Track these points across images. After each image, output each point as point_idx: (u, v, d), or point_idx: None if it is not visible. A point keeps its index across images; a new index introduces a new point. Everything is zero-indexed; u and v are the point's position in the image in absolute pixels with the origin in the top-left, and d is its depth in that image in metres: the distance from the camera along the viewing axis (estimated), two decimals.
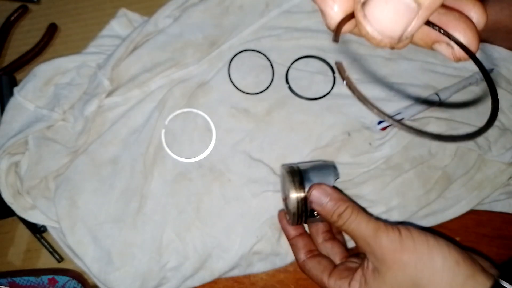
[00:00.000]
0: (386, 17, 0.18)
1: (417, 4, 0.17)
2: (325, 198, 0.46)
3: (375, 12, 0.18)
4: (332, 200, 0.46)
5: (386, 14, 0.18)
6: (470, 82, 0.62)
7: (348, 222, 0.45)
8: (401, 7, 0.17)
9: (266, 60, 0.64)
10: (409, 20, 0.18)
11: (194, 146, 0.61)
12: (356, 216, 0.44)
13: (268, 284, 0.59)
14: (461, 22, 0.22)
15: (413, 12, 0.17)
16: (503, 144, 0.60)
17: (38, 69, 0.61)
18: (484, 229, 0.61)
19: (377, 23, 0.18)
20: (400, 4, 0.17)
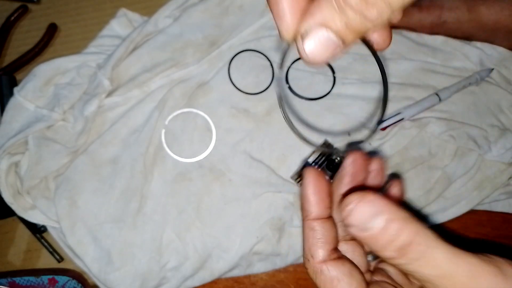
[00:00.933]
0: (317, 48, 0.23)
1: (341, 41, 0.23)
2: (377, 216, 0.26)
3: (311, 46, 0.23)
4: (391, 222, 0.25)
5: (317, 46, 0.23)
6: (470, 82, 0.62)
7: (419, 262, 0.25)
8: (329, 42, 0.23)
9: (266, 60, 0.64)
10: (334, 51, 0.23)
11: (194, 146, 0.61)
12: (432, 250, 0.25)
13: (268, 284, 0.59)
14: None
15: (339, 46, 0.23)
16: (503, 144, 0.60)
17: (38, 69, 0.61)
18: (484, 229, 0.61)
19: (310, 52, 0.24)
20: (328, 40, 0.23)
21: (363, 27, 0.22)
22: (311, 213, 0.33)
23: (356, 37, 0.23)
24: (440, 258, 0.25)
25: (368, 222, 0.25)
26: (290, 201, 0.59)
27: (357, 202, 0.26)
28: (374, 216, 0.25)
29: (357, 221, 0.26)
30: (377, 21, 0.22)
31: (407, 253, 0.25)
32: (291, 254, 0.59)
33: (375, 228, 0.25)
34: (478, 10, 0.60)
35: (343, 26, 0.22)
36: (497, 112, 0.62)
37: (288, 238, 0.59)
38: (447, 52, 0.64)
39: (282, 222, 0.59)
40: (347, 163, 0.36)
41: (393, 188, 0.37)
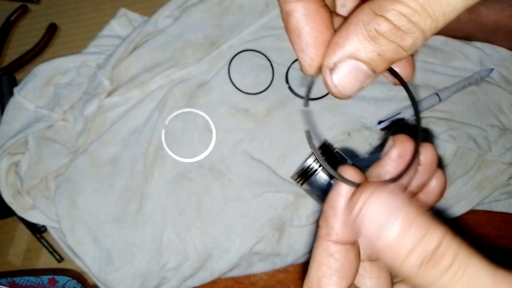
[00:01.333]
0: (348, 83, 0.22)
1: (373, 72, 0.21)
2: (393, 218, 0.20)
3: (341, 79, 0.22)
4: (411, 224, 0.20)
5: (349, 80, 0.22)
6: (470, 82, 0.62)
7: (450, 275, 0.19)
8: (361, 74, 0.21)
9: (266, 60, 0.64)
10: (365, 82, 0.22)
11: (194, 146, 0.61)
12: (468, 261, 0.20)
13: (268, 284, 0.59)
14: None
15: (370, 77, 0.22)
16: (503, 144, 0.60)
17: (38, 69, 0.61)
18: (484, 229, 0.61)
19: (340, 85, 0.22)
20: (360, 73, 0.21)
21: (396, 56, 0.21)
22: (335, 233, 0.24)
23: (388, 66, 0.22)
24: (478, 275, 0.19)
25: (385, 220, 0.20)
26: (290, 201, 0.59)
27: (365, 200, 0.21)
28: (392, 212, 0.20)
29: (370, 217, 0.20)
30: (411, 50, 0.20)
31: (434, 264, 0.19)
32: (291, 254, 0.59)
33: (392, 227, 0.20)
34: (478, 10, 0.60)
35: (374, 56, 0.21)
36: (497, 112, 0.62)
37: (288, 238, 0.59)
38: (447, 52, 0.64)
39: (282, 222, 0.59)
40: (391, 151, 0.26)
41: (433, 181, 0.28)
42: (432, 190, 0.29)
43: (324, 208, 0.25)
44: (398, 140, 0.26)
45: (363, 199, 0.21)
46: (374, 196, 0.20)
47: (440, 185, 0.29)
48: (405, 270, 0.20)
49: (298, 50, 0.23)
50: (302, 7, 0.22)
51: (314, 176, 0.56)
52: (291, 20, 0.23)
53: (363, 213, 0.20)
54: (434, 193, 0.29)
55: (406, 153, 0.26)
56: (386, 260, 0.20)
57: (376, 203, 0.20)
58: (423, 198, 0.29)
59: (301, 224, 0.59)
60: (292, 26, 0.23)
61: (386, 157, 0.27)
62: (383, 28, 0.20)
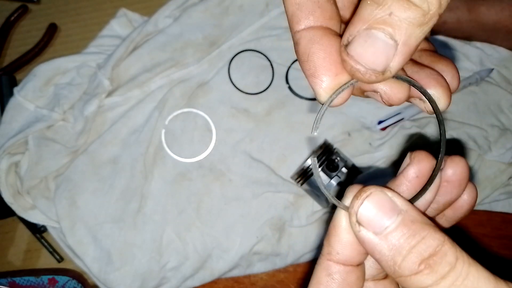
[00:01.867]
0: (367, 52, 0.20)
1: (394, 41, 0.20)
2: (393, 212, 0.21)
3: (357, 49, 0.20)
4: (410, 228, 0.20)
5: (367, 49, 0.20)
6: (470, 82, 0.62)
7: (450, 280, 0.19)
8: (380, 43, 0.20)
9: (266, 60, 0.64)
10: (389, 55, 0.20)
11: (194, 146, 0.61)
12: (468, 268, 0.19)
13: (268, 284, 0.59)
14: (432, 79, 0.25)
15: (392, 48, 0.20)
16: (503, 144, 0.60)
17: (38, 69, 0.61)
18: (484, 229, 0.61)
19: (360, 58, 0.20)
20: (378, 41, 0.20)
21: (410, 14, 0.19)
22: (336, 253, 0.23)
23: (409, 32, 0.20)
24: (479, 283, 0.19)
25: (382, 221, 0.20)
26: (290, 201, 0.59)
27: (371, 192, 0.21)
28: (391, 214, 0.20)
29: (367, 217, 0.20)
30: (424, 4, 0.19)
31: (433, 265, 0.19)
32: (291, 254, 0.59)
33: (389, 227, 0.20)
34: (478, 10, 0.60)
35: (387, 18, 0.19)
36: (497, 112, 0.62)
37: (288, 238, 0.59)
38: (447, 52, 0.64)
39: (282, 222, 0.59)
40: (407, 170, 0.24)
41: (463, 197, 0.26)
42: (460, 206, 0.27)
43: (329, 227, 0.24)
44: (416, 158, 0.24)
45: (360, 200, 0.21)
46: (371, 197, 0.21)
47: (470, 201, 0.27)
48: (402, 273, 0.20)
49: (308, 75, 0.22)
50: (308, 33, 0.23)
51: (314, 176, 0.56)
52: (299, 48, 0.23)
53: (360, 214, 0.21)
54: (462, 210, 0.27)
55: (424, 173, 0.24)
56: (383, 262, 0.20)
57: (373, 204, 0.21)
58: (449, 214, 0.27)
59: (301, 224, 0.59)
60: (301, 52, 0.23)
61: (401, 176, 0.24)
62: None
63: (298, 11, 0.23)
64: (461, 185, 0.25)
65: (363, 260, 0.24)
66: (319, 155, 0.56)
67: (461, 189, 0.26)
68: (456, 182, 0.25)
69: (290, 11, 0.23)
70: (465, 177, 0.25)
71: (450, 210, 0.27)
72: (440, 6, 0.19)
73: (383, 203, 0.21)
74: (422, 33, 0.20)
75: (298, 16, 0.23)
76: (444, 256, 0.19)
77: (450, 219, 0.27)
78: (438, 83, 0.25)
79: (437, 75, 0.25)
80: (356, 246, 0.22)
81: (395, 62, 0.20)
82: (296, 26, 0.23)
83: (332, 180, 0.56)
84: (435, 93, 0.24)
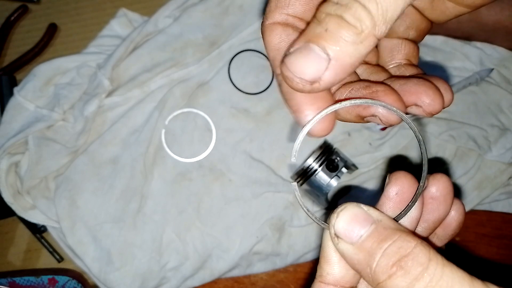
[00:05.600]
0: (300, 62, 0.21)
1: (326, 55, 0.21)
2: (367, 222, 0.22)
3: (291, 59, 0.21)
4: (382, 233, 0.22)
5: (300, 59, 0.21)
6: (470, 82, 0.62)
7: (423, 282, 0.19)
8: (312, 55, 0.21)
9: (266, 60, 0.64)
10: (319, 67, 0.21)
11: (194, 146, 0.61)
12: (442, 269, 0.20)
13: (268, 284, 0.59)
14: (420, 86, 0.25)
15: (324, 61, 0.21)
16: (503, 144, 0.60)
17: (38, 69, 0.61)
18: (484, 229, 0.61)
19: (291, 66, 0.21)
20: (312, 53, 0.21)
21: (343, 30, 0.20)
22: (326, 273, 0.24)
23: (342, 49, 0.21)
24: (454, 280, 0.19)
25: (357, 230, 0.22)
26: (290, 201, 0.59)
27: (346, 206, 0.22)
28: (365, 223, 0.22)
29: (343, 228, 0.22)
30: (357, 23, 0.20)
31: (405, 266, 0.20)
32: (291, 254, 0.59)
33: (363, 235, 0.21)
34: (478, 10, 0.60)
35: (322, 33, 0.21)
36: (497, 112, 0.62)
37: (288, 238, 0.59)
38: (447, 52, 0.64)
39: (282, 222, 0.59)
40: (387, 189, 0.25)
41: (450, 214, 0.28)
42: (449, 223, 0.27)
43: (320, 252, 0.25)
44: (393, 178, 0.25)
45: (336, 214, 0.22)
46: (345, 210, 0.22)
47: (458, 217, 0.27)
48: (378, 278, 0.20)
49: (293, 112, 0.24)
50: None
51: (314, 176, 0.56)
52: (282, 88, 0.24)
53: (337, 227, 0.22)
54: (452, 227, 0.28)
55: (404, 190, 0.25)
56: (362, 272, 0.21)
57: (347, 216, 0.22)
58: (440, 233, 0.28)
59: (301, 224, 0.59)
60: (284, 92, 0.25)
61: (383, 195, 0.26)
62: (325, 6, 0.21)
63: (278, 56, 0.24)
64: (446, 200, 0.26)
65: (354, 282, 0.24)
66: (319, 155, 0.56)
67: (448, 205, 0.27)
68: (441, 197, 0.26)
69: (271, 55, 0.25)
70: (449, 192, 0.26)
71: (440, 229, 0.28)
72: (375, 28, 0.20)
73: (357, 215, 0.22)
74: (357, 51, 0.21)
75: (278, 59, 0.24)
76: (415, 257, 0.20)
77: (442, 238, 0.28)
78: (426, 89, 0.25)
79: (424, 81, 0.26)
80: (343, 264, 0.23)
81: (326, 75, 0.21)
82: (277, 69, 0.24)
83: (332, 180, 0.56)
84: (426, 99, 0.25)
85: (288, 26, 0.25)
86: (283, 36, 0.25)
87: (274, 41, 0.25)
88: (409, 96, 0.25)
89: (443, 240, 0.28)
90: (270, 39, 0.25)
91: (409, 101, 0.25)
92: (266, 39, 0.25)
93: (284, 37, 0.25)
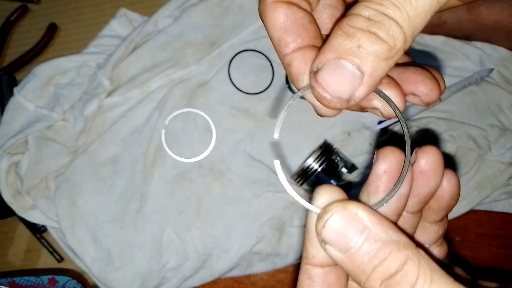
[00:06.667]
0: (335, 81, 0.21)
1: (360, 72, 0.20)
2: (358, 233, 0.21)
3: (325, 77, 0.21)
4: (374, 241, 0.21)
5: (335, 79, 0.21)
6: (470, 82, 0.62)
7: None
8: (347, 73, 0.21)
9: (266, 60, 0.64)
10: (355, 85, 0.21)
11: (194, 146, 0.61)
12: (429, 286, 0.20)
13: (268, 284, 0.59)
14: (418, 75, 0.25)
15: (358, 78, 0.21)
16: (503, 144, 0.60)
17: (38, 69, 0.61)
18: (484, 229, 0.61)
19: (327, 85, 0.21)
20: (346, 71, 0.21)
21: (377, 48, 0.20)
22: (312, 256, 0.24)
23: (375, 65, 0.20)
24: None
25: (346, 241, 0.21)
26: (290, 201, 0.59)
27: (334, 213, 0.21)
28: (354, 233, 0.21)
29: (332, 237, 0.21)
30: (390, 40, 0.20)
31: (393, 285, 0.20)
32: (291, 254, 0.59)
33: (353, 248, 0.20)
34: (478, 10, 0.60)
35: (355, 50, 0.20)
36: (497, 112, 0.62)
37: (288, 238, 0.59)
38: (447, 52, 0.64)
39: (282, 222, 0.59)
40: (375, 168, 0.25)
41: (443, 185, 0.27)
42: (441, 195, 0.27)
43: (304, 234, 0.25)
44: (381, 155, 0.25)
45: (322, 223, 0.21)
46: (333, 219, 0.21)
47: (450, 189, 0.27)
48: (369, 287, 0.21)
49: (293, 79, 0.24)
50: (300, 55, 0.24)
51: (314, 176, 0.56)
52: (292, 69, 0.24)
53: (329, 225, 0.21)
54: (445, 198, 0.27)
55: (393, 167, 0.24)
56: (350, 275, 0.21)
57: (335, 225, 0.21)
58: (434, 205, 0.27)
59: (301, 224, 0.59)
60: (295, 74, 0.24)
61: (371, 174, 0.25)
62: (355, 20, 0.20)
63: (284, 35, 0.24)
64: (436, 173, 0.26)
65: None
66: (319, 155, 0.56)
67: (438, 178, 0.26)
68: (430, 171, 0.25)
69: (276, 36, 0.24)
70: (439, 165, 0.25)
71: (434, 201, 0.27)
72: (406, 43, 0.21)
73: (345, 223, 0.21)
74: (388, 66, 0.21)
75: (285, 39, 0.24)
76: (404, 276, 0.20)
77: (437, 210, 0.28)
78: (425, 78, 0.25)
79: (422, 70, 0.26)
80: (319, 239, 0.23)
81: (360, 92, 0.21)
82: (285, 49, 0.24)
83: (332, 180, 0.56)
84: (424, 88, 0.25)
85: (292, 4, 0.24)
86: (289, 15, 0.24)
87: (279, 20, 0.24)
88: (407, 85, 0.25)
89: (439, 212, 0.28)
90: (274, 18, 0.24)
91: (407, 90, 0.25)
92: (269, 18, 0.24)
93: (290, 16, 0.24)
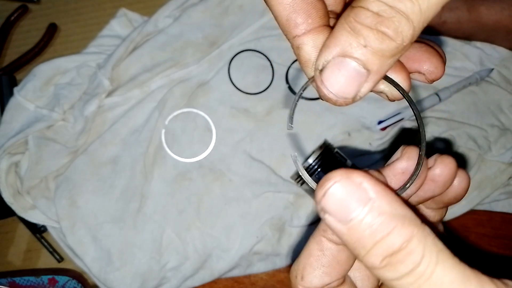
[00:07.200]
0: (340, 81, 0.20)
1: (366, 70, 0.20)
2: (361, 205, 0.19)
3: (331, 77, 0.20)
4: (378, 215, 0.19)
5: (340, 79, 0.20)
6: (470, 82, 0.62)
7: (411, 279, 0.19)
8: (352, 72, 0.20)
9: (266, 60, 0.64)
10: (360, 83, 0.20)
11: (194, 146, 0.61)
12: (433, 267, 0.18)
13: (268, 284, 0.59)
14: (423, 52, 0.24)
15: (364, 76, 0.20)
16: (503, 144, 0.60)
17: (38, 69, 0.61)
18: (484, 229, 0.61)
19: (332, 86, 0.20)
20: (351, 70, 0.20)
21: (384, 46, 0.19)
22: (331, 232, 0.23)
23: (381, 62, 0.20)
24: (444, 280, 0.18)
25: (348, 211, 0.19)
26: (290, 201, 0.59)
27: (336, 181, 0.19)
28: (357, 204, 0.19)
29: (332, 207, 0.19)
30: (399, 37, 0.19)
31: (395, 263, 0.18)
32: (291, 254, 0.59)
33: (354, 220, 0.19)
34: (478, 10, 0.60)
35: (362, 49, 0.19)
36: (497, 112, 0.62)
37: (288, 238, 0.59)
38: (447, 52, 0.63)
39: (282, 222, 0.59)
40: (396, 164, 0.24)
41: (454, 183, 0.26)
42: (445, 193, 0.26)
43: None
44: (407, 155, 0.24)
45: (323, 191, 0.19)
46: (335, 187, 0.19)
47: (457, 190, 0.26)
48: (366, 264, 0.19)
49: (302, 64, 0.23)
50: (311, 39, 0.22)
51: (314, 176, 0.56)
52: (302, 53, 0.23)
53: (330, 194, 0.19)
54: (448, 197, 0.26)
55: (412, 171, 0.23)
56: (349, 246, 0.19)
57: (336, 195, 0.19)
58: (436, 199, 0.26)
59: (301, 224, 0.59)
60: (304, 59, 0.23)
61: (388, 168, 0.24)
62: (362, 16, 0.19)
63: (294, 14, 0.22)
64: (445, 185, 0.25)
65: None
66: (319, 155, 0.56)
67: (445, 188, 0.25)
68: (441, 183, 0.25)
69: (284, 16, 0.22)
70: (451, 178, 0.25)
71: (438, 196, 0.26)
72: (414, 38, 0.20)
73: (348, 192, 0.19)
74: (394, 60, 0.20)
75: (294, 20, 0.22)
76: (408, 254, 0.18)
77: (437, 202, 0.27)
78: (430, 56, 0.24)
79: (426, 47, 0.25)
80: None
81: (365, 88, 0.21)
82: (295, 30, 0.22)
83: None
84: (430, 66, 0.24)
85: None
86: None
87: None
88: (412, 63, 0.24)
89: (438, 204, 0.27)
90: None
91: (412, 68, 0.24)
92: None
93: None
